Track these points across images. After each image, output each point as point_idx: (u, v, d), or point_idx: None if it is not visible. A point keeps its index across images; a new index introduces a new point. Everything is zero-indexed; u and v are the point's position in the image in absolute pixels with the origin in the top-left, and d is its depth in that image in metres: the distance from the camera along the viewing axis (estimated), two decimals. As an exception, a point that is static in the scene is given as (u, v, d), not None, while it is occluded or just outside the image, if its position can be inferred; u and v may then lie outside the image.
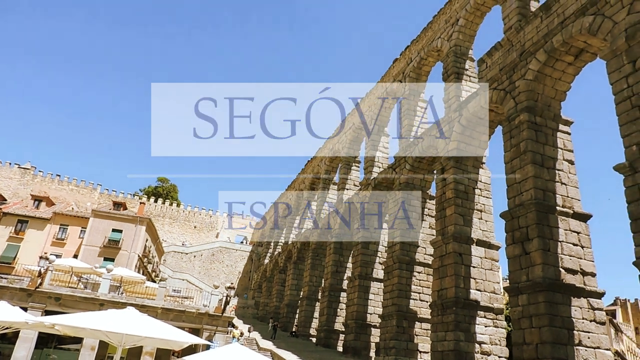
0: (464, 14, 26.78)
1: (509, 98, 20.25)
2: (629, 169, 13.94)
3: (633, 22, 15.12)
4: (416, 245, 27.23)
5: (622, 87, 14.83)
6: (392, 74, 34.80)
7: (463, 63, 26.71)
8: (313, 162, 50.46)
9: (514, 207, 18.12)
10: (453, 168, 23.07)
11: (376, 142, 35.64)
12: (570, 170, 18.78)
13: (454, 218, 22.13)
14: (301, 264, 46.89)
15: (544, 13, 19.69)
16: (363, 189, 34.14)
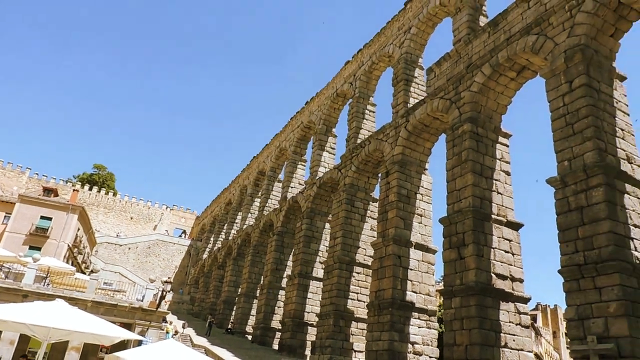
0: (416, 22, 27.46)
1: (454, 108, 20.96)
2: (560, 183, 14.80)
3: (572, 45, 16.08)
4: (357, 246, 27.61)
5: (559, 105, 15.74)
6: (343, 75, 35.10)
7: (413, 70, 27.39)
8: (259, 158, 49.96)
9: (452, 213, 18.76)
10: (397, 172, 23.58)
11: (324, 141, 35.81)
12: (506, 180, 19.71)
13: (395, 221, 22.62)
14: (241, 261, 46.31)
15: (491, 29, 20.55)
16: (308, 187, 34.20)
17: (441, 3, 25.63)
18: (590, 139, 14.33)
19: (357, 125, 30.84)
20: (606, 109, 15.34)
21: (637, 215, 14.05)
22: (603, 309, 12.57)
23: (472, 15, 22.81)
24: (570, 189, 14.44)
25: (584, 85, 15.12)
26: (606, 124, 15.01)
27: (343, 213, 27.91)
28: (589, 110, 14.69)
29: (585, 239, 13.59)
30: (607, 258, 12.79)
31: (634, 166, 15.02)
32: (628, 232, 13.52)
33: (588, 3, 16.15)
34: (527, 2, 19.15)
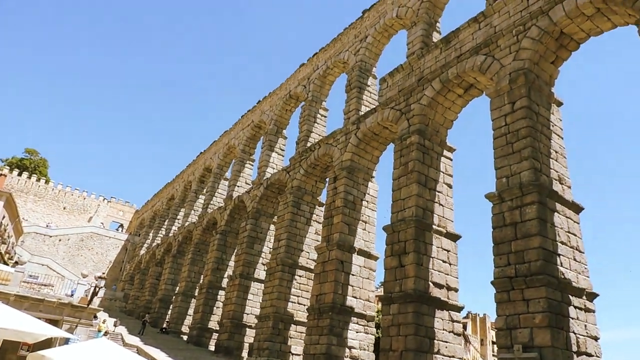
0: (372, 32, 27.97)
1: (404, 119, 21.51)
2: (497, 198, 15.52)
3: (517, 68, 16.97)
4: (301, 249, 27.65)
5: (501, 124, 16.53)
6: (297, 77, 35.13)
7: (366, 79, 27.87)
8: (206, 154, 48.96)
9: (396, 221, 19.20)
10: (345, 178, 23.86)
11: (273, 142, 35.65)
12: (448, 193, 20.43)
13: (340, 226, 22.87)
14: (181, 258, 45.12)
15: (444, 45, 21.28)
16: (255, 188, 33.90)
17: (398, 15, 26.29)
18: (528, 159, 15.15)
19: (308, 129, 30.94)
20: (543, 131, 16.29)
21: (564, 232, 15.00)
22: (529, 319, 13.28)
23: (426, 30, 23.54)
24: (507, 204, 15.18)
25: (525, 107, 15.99)
26: (542, 145, 15.93)
27: (289, 215, 27.88)
28: (528, 132, 15.53)
29: (517, 252, 14.32)
30: (536, 272, 13.54)
31: (564, 187, 16.02)
32: (556, 248, 14.40)
33: (533, 30, 17.11)
34: (478, 23, 20.01)
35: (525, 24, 17.57)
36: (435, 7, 24.40)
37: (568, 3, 16.34)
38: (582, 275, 14.90)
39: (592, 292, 14.81)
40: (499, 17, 19.06)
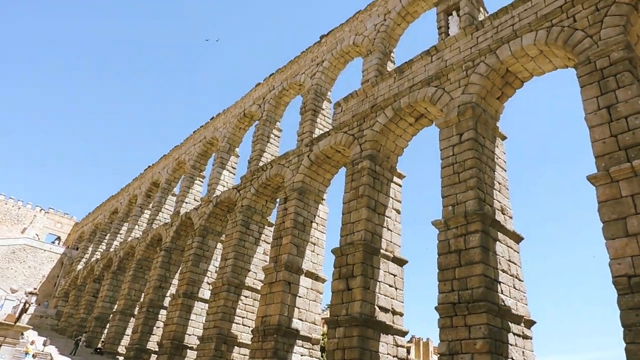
0: (329, 57, 28.49)
1: (356, 144, 21.87)
2: (443, 226, 15.97)
3: (465, 101, 17.74)
4: (248, 269, 27.21)
5: (449, 154, 17.14)
6: (252, 96, 35.07)
7: (321, 102, 28.23)
8: (154, 168, 47.57)
9: (345, 244, 19.31)
10: (296, 199, 23.83)
11: (225, 160, 35.19)
12: (396, 218, 20.83)
13: (288, 247, 22.72)
14: (121, 275, 43.17)
15: (397, 74, 21.97)
16: (204, 205, 33.20)
17: (354, 43, 26.96)
18: (473, 189, 15.75)
19: (261, 148, 30.81)
20: (488, 163, 17.03)
21: (505, 261, 15.60)
22: (471, 345, 13.60)
23: (381, 59, 24.25)
24: (452, 232, 15.64)
25: (472, 139, 16.68)
26: (487, 176, 16.63)
27: (237, 234, 27.43)
28: (473, 163, 16.18)
29: (460, 279, 14.72)
30: (478, 298, 13.95)
31: (506, 217, 16.73)
32: (497, 276, 14.93)
33: (481, 66, 18.01)
34: (430, 56, 20.84)
35: (474, 60, 18.48)
36: (390, 37, 25.23)
37: (514, 43, 17.35)
38: (520, 302, 15.49)
39: (529, 320, 15.40)
40: (450, 52, 19.95)
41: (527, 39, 16.97)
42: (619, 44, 14.00)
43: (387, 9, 25.68)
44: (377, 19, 26.06)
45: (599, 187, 12.55)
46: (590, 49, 14.76)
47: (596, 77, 14.11)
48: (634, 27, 14.80)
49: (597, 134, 13.30)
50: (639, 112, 12.74)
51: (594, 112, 13.68)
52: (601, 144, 13.07)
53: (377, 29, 25.63)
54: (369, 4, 26.87)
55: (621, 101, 13.20)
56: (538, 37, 16.64)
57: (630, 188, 11.94)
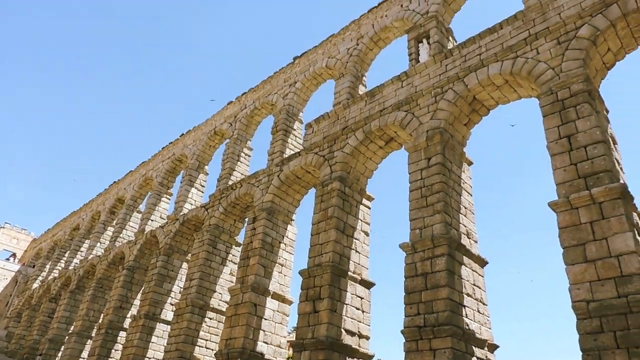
0: (302, 78, 28.74)
1: (327, 165, 21.96)
2: (410, 249, 16.08)
3: (434, 126, 18.12)
4: (213, 290, 26.62)
5: (417, 178, 17.39)
6: (224, 114, 34.90)
7: (293, 122, 28.32)
8: (120, 184, 46.42)
9: (313, 266, 19.16)
10: (265, 219, 23.61)
11: (194, 177, 34.70)
12: (365, 240, 20.87)
13: (256, 268, 22.38)
14: (80, 294, 41.48)
15: (368, 98, 22.32)
16: (170, 223, 32.49)
17: (327, 65, 27.32)
18: (440, 212, 15.96)
19: (231, 167, 30.55)
20: (455, 187, 17.34)
21: (470, 285, 15.77)
22: (435, 370, 13.57)
23: (353, 82, 24.63)
24: (419, 255, 15.75)
25: (439, 164, 17.00)
26: (453, 200, 16.91)
27: (204, 254, 26.88)
28: (441, 187, 16.45)
29: (426, 303, 14.77)
30: (443, 322, 14.00)
31: (471, 241, 16.99)
32: (462, 299, 15.05)
33: (450, 93, 18.49)
34: (401, 81, 21.30)
35: (443, 87, 18.97)
36: (362, 61, 25.71)
37: (481, 72, 17.92)
38: (484, 326, 15.64)
39: (493, 344, 15.53)
40: (420, 78, 20.44)
41: (493, 68, 17.57)
42: (579, 77, 14.63)
43: (360, 34, 26.23)
44: (350, 43, 26.56)
45: (559, 213, 12.92)
46: (552, 80, 15.38)
47: (557, 107, 14.67)
48: (593, 61, 15.52)
49: (558, 162, 13.75)
50: (597, 142, 13.27)
51: (555, 140, 14.17)
52: (562, 172, 13.51)
53: (349, 53, 26.08)
54: (342, 28, 27.40)
55: (581, 131, 13.73)
56: (503, 67, 17.25)
57: (589, 215, 12.34)
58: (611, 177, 12.60)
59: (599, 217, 12.16)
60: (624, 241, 11.48)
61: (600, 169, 12.79)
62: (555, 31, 16.41)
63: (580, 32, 15.61)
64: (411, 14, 23.63)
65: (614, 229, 11.77)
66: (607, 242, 11.75)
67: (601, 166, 12.82)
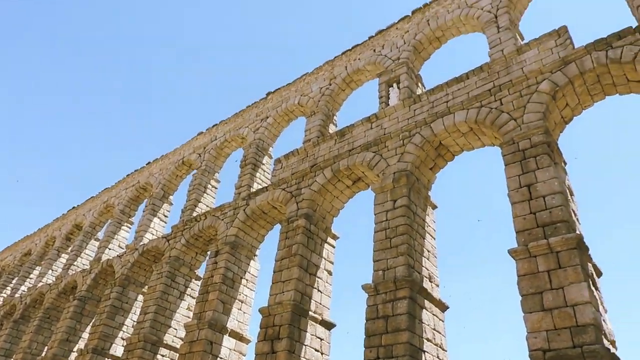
0: (274, 114, 28.93)
1: (294, 201, 21.85)
2: (373, 290, 15.93)
3: (400, 169, 18.39)
4: (168, 325, 25.56)
5: (382, 219, 17.45)
6: (193, 145, 34.59)
7: (262, 157, 28.27)
8: (79, 210, 44.81)
9: (273, 304, 18.71)
10: (227, 254, 23.10)
11: (157, 207, 33.86)
12: (327, 280, 20.60)
13: (214, 304, 21.69)
14: (24, 324, 39.04)
15: (338, 137, 22.57)
16: (128, 253, 31.36)
17: (299, 103, 27.66)
18: (403, 255, 15.98)
19: (197, 198, 30.02)
20: (419, 230, 17.46)
21: (430, 329, 15.66)
22: (392, 417, 13.22)
23: (324, 121, 24.95)
24: (381, 297, 15.61)
25: (405, 206, 17.15)
26: (417, 243, 16.99)
27: (161, 287, 25.91)
28: (405, 229, 16.54)
29: (386, 346, 14.52)
30: (402, 368, 13.75)
31: (433, 285, 17.00)
32: (422, 344, 14.89)
33: (417, 137, 18.90)
34: (370, 123, 21.69)
35: (410, 131, 19.40)
36: (334, 101, 26.17)
37: (447, 119, 18.46)
38: (443, 373, 15.44)
39: (451, 391, 15.32)
40: (389, 121, 20.88)
41: (459, 116, 18.13)
42: (539, 129, 15.24)
43: (333, 75, 26.79)
44: (323, 82, 27.06)
45: (518, 261, 13.12)
46: (514, 130, 15.96)
47: (518, 157, 15.16)
48: (552, 114, 16.24)
49: (518, 210, 14.08)
50: (555, 192, 13.70)
51: (516, 189, 14.56)
52: (522, 220, 13.82)
53: (322, 92, 26.53)
54: (316, 67, 27.95)
55: (540, 181, 14.18)
56: (469, 115, 17.83)
57: (546, 264, 12.57)
58: (568, 227, 12.95)
59: (556, 266, 12.40)
60: (579, 291, 11.69)
61: (558, 219, 13.15)
62: (518, 84, 17.17)
63: (541, 87, 16.38)
64: (383, 59, 24.39)
65: (570, 278, 12.00)
66: (563, 291, 11.94)
67: (559, 216, 13.19)
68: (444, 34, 23.55)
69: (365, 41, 26.28)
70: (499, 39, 19.55)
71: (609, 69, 15.56)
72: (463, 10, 22.49)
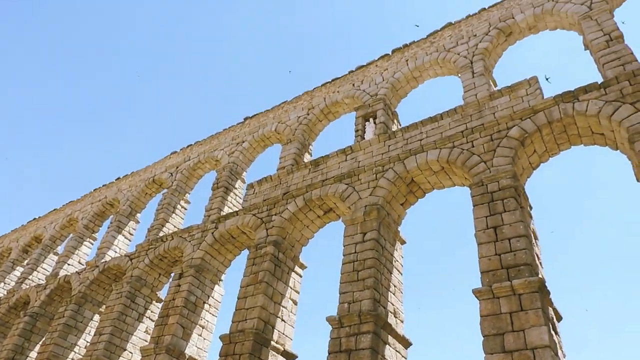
0: (250, 139, 28.97)
1: (263, 228, 21.69)
2: (337, 323, 15.79)
3: (372, 203, 18.56)
4: (124, 347, 24.59)
5: (351, 251, 17.48)
6: (165, 163, 34.18)
7: (235, 181, 28.11)
8: (40, 222, 43.27)
9: (235, 331, 18.31)
10: (192, 277, 22.61)
11: (123, 224, 33.05)
12: (292, 309, 20.34)
13: (174, 328, 21.07)
14: (-32, 340, 36.92)
15: (312, 167, 22.71)
16: (88, 269, 30.30)
17: (276, 130, 27.82)
18: (370, 289, 15.96)
19: (165, 218, 29.47)
20: (386, 265, 17.54)
21: (392, 366, 15.54)
22: None
23: (299, 149, 25.11)
24: (345, 330, 15.47)
25: (374, 240, 17.25)
26: (384, 278, 17.03)
27: (119, 307, 25.04)
28: (373, 263, 16.59)
29: (347, 381, 14.32)
30: (362, 404, 13.55)
31: (397, 321, 16.99)
32: (383, 381, 14.74)
33: (390, 172, 19.19)
34: (345, 155, 21.95)
35: (384, 166, 19.71)
36: (311, 131, 26.44)
37: (420, 157, 18.86)
38: (402, 411, 15.27)
39: None
40: (364, 154, 21.19)
41: (432, 154, 18.55)
42: (507, 173, 15.72)
43: (312, 105, 27.16)
44: (301, 111, 27.37)
45: (482, 301, 13.29)
46: (484, 173, 16.41)
47: (486, 199, 15.55)
48: (520, 159, 16.80)
49: (484, 251, 14.35)
50: (520, 235, 14.05)
51: (483, 230, 14.88)
52: (487, 261, 14.07)
53: (299, 121, 26.80)
54: (295, 97, 28.32)
55: (506, 224, 14.53)
56: (441, 154, 18.27)
57: (509, 306, 12.76)
58: (531, 270, 13.24)
59: (518, 308, 12.60)
60: (539, 335, 11.87)
61: (522, 262, 13.45)
62: (489, 128, 17.77)
63: (511, 132, 16.99)
64: (361, 94, 24.92)
65: (531, 321, 12.19)
66: (524, 334, 12.10)
67: (522, 259, 13.50)
68: (421, 74, 24.31)
69: (345, 75, 26.87)
70: (473, 84, 20.31)
71: (575, 120, 16.31)
72: (441, 53, 23.34)
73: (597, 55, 17.61)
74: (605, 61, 17.06)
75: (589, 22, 18.78)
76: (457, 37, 23.51)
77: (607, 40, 17.68)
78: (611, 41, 17.57)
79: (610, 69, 16.65)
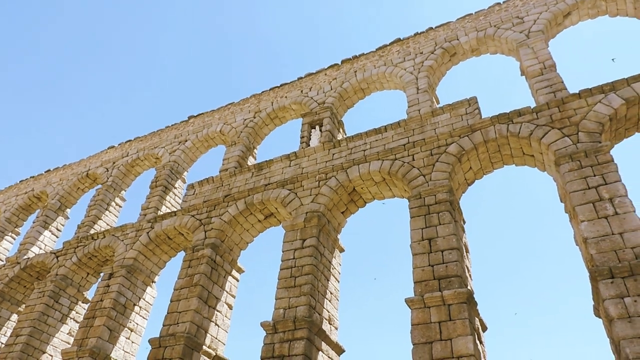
0: (193, 138, 28.31)
1: (202, 229, 21.21)
2: (271, 328, 15.68)
3: (313, 209, 18.66)
4: (43, 350, 23.11)
5: (289, 257, 17.45)
6: (101, 158, 32.69)
7: (175, 180, 27.33)
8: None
9: (165, 335, 17.72)
10: (122, 277, 21.69)
11: (50, 219, 31.19)
12: (227, 314, 19.99)
13: (100, 330, 20.08)
14: None
15: (256, 170, 22.52)
16: (8, 266, 28.33)
17: (221, 131, 27.38)
18: (306, 295, 16.00)
19: (97, 215, 28.11)
20: (324, 272, 17.65)
21: (324, 373, 15.62)
22: None
23: (243, 152, 24.83)
24: (279, 336, 15.39)
25: (313, 246, 17.32)
26: (321, 284, 17.13)
27: (41, 307, 23.54)
28: (311, 269, 16.64)
29: (278, 388, 14.23)
30: (292, 411, 13.50)
31: (332, 327, 17.12)
32: (314, 388, 14.77)
33: (332, 180, 19.39)
34: (289, 160, 21.94)
35: (327, 174, 19.88)
36: (256, 134, 26.24)
37: (363, 167, 19.20)
38: (331, 418, 15.36)
39: None
40: (308, 161, 21.28)
41: (374, 165, 18.94)
42: (444, 187, 16.33)
43: (259, 108, 26.99)
44: (248, 114, 27.12)
45: (413, 310, 13.67)
46: (422, 186, 16.95)
47: (423, 211, 16.06)
48: (457, 175, 17.51)
49: (418, 262, 14.79)
50: (453, 248, 14.60)
51: (418, 241, 15.33)
52: (420, 271, 14.51)
53: (245, 124, 26.53)
54: (243, 99, 28.05)
55: (440, 236, 15.07)
56: (383, 166, 18.69)
57: (438, 315, 13.21)
58: (461, 282, 13.79)
59: (447, 318, 13.07)
60: (465, 344, 12.36)
61: (453, 274, 13.97)
62: (430, 143, 18.41)
63: (450, 149, 17.68)
64: (309, 101, 25.07)
65: (458, 331, 12.68)
66: (451, 342, 12.56)
67: (453, 271, 14.03)
68: (368, 86, 24.83)
69: (294, 81, 26.96)
70: (417, 99, 20.99)
71: (508, 141, 17.24)
72: (388, 67, 23.96)
73: (532, 82, 18.74)
74: (538, 87, 18.19)
75: (526, 50, 19.98)
76: (404, 52, 24.24)
77: (542, 68, 18.87)
78: (545, 69, 18.77)
79: (543, 95, 17.77)
